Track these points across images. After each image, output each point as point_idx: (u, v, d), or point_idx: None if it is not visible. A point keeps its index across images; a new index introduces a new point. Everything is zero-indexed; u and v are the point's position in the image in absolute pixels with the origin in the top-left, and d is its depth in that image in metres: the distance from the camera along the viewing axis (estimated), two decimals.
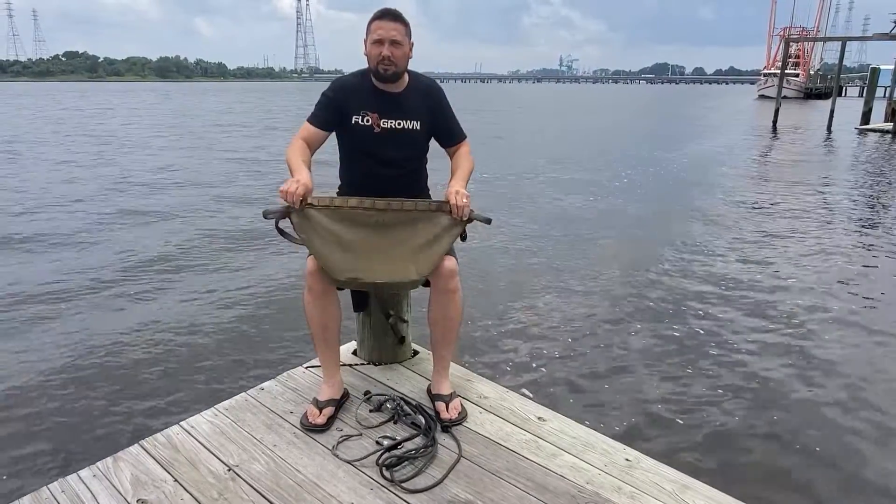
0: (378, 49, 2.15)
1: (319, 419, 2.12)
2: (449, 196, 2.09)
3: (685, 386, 3.86)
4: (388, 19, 2.16)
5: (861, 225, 8.33)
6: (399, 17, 2.17)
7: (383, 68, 2.16)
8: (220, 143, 18.24)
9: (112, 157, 14.72)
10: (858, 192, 11.04)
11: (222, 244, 7.15)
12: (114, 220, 8.31)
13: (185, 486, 1.83)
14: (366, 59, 2.21)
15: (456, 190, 2.10)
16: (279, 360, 4.07)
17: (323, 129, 2.25)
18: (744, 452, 3.20)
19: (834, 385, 3.89)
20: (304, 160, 2.13)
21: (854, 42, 56.02)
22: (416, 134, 2.28)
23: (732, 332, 4.66)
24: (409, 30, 2.21)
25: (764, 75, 65.31)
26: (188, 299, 5.31)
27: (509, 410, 2.24)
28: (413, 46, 2.24)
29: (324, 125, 2.24)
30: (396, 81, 2.23)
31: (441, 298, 2.18)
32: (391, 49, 2.14)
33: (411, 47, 2.23)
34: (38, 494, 1.80)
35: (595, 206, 9.61)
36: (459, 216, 2.08)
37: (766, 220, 8.56)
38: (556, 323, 4.85)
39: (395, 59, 2.15)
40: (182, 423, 2.15)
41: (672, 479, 1.86)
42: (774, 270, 6.23)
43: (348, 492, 1.80)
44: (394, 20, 2.16)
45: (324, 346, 2.23)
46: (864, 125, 23.89)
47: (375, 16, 2.18)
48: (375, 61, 2.17)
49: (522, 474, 1.88)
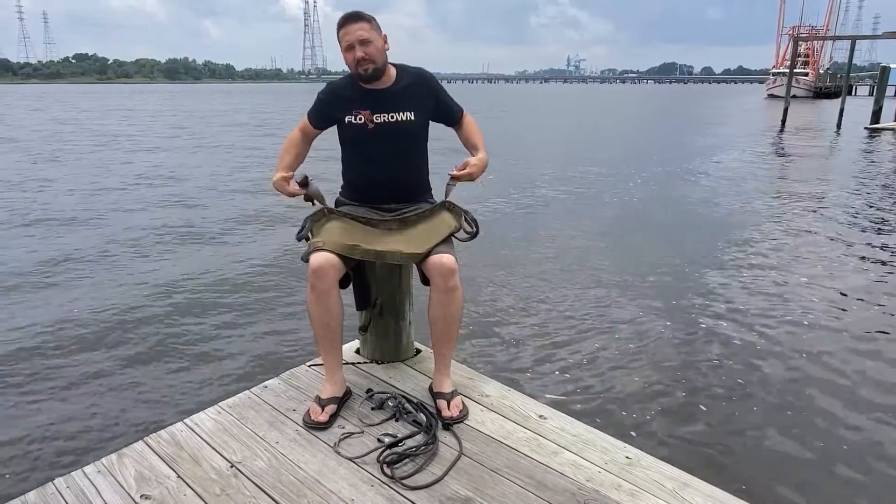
0: (351, 54, 2.19)
1: (321, 417, 2.13)
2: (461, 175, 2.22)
3: (686, 384, 3.85)
4: (350, 22, 2.19)
5: (877, 230, 8.21)
6: (361, 16, 2.20)
7: (363, 69, 2.20)
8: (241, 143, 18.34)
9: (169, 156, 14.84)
10: (870, 191, 10.95)
11: (227, 244, 7.20)
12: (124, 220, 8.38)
13: (188, 482, 1.85)
14: (348, 68, 2.26)
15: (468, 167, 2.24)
16: (282, 358, 4.10)
17: (315, 126, 2.40)
18: (744, 450, 3.20)
19: (838, 386, 3.87)
20: (294, 153, 2.37)
21: (864, 41, 55.59)
22: (412, 125, 2.30)
23: (735, 332, 4.65)
24: (375, 24, 2.22)
25: (773, 74, 64.89)
26: (192, 299, 5.35)
27: (510, 408, 2.25)
28: (387, 38, 2.27)
29: (316, 123, 2.39)
30: (381, 78, 2.26)
31: (441, 297, 2.19)
32: (363, 49, 2.17)
33: (385, 39, 2.26)
34: (44, 490, 1.83)
35: (602, 207, 9.59)
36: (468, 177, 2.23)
37: (772, 221, 8.52)
38: (558, 322, 4.85)
39: (370, 57, 2.19)
40: (186, 421, 2.17)
41: (672, 477, 1.86)
42: (782, 271, 6.20)
43: (349, 488, 1.81)
44: (357, 21, 2.19)
45: (326, 345, 2.24)
46: (875, 124, 23.72)
47: (339, 24, 2.21)
48: (354, 66, 2.21)
49: (523, 472, 1.89)
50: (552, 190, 10.90)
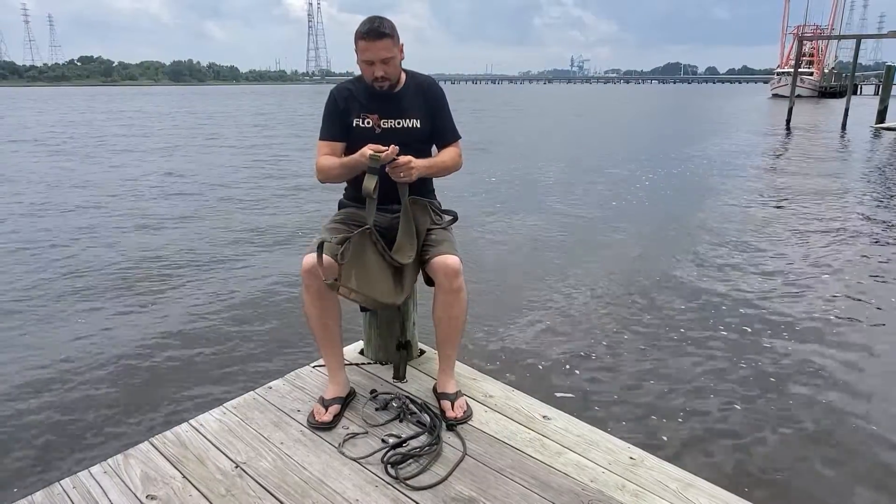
0: (370, 69, 2.17)
1: (325, 417, 2.14)
2: (400, 159, 2.09)
3: (690, 385, 3.84)
4: (373, 38, 2.11)
5: (884, 228, 8.18)
6: (384, 32, 2.12)
7: (379, 86, 2.20)
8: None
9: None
10: (874, 190, 10.90)
11: (232, 244, 7.22)
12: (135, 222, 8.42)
13: (193, 482, 1.86)
14: (359, 67, 2.23)
15: (410, 158, 2.11)
16: (287, 359, 4.11)
17: (339, 140, 2.28)
18: (749, 451, 3.18)
19: (845, 387, 3.85)
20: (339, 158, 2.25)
21: (869, 40, 55.38)
22: (418, 132, 2.30)
23: (741, 332, 4.63)
24: (396, 38, 2.16)
25: (777, 74, 64.66)
26: (196, 298, 5.36)
27: (514, 409, 2.25)
28: (403, 47, 2.23)
29: (338, 136, 2.28)
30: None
31: (446, 297, 2.19)
32: (383, 68, 2.15)
33: (401, 49, 2.22)
34: (51, 490, 1.84)
35: (608, 208, 9.56)
36: (397, 174, 2.11)
37: (779, 222, 8.49)
38: (562, 322, 4.85)
39: (388, 76, 2.18)
40: (191, 421, 2.19)
41: (676, 478, 1.86)
42: (791, 273, 6.17)
43: (353, 489, 1.82)
44: (379, 38, 2.11)
45: (326, 345, 2.25)
46: (880, 124, 23.62)
47: (360, 33, 2.13)
48: (370, 80, 2.20)
49: (527, 472, 1.89)
50: (565, 190, 10.89)
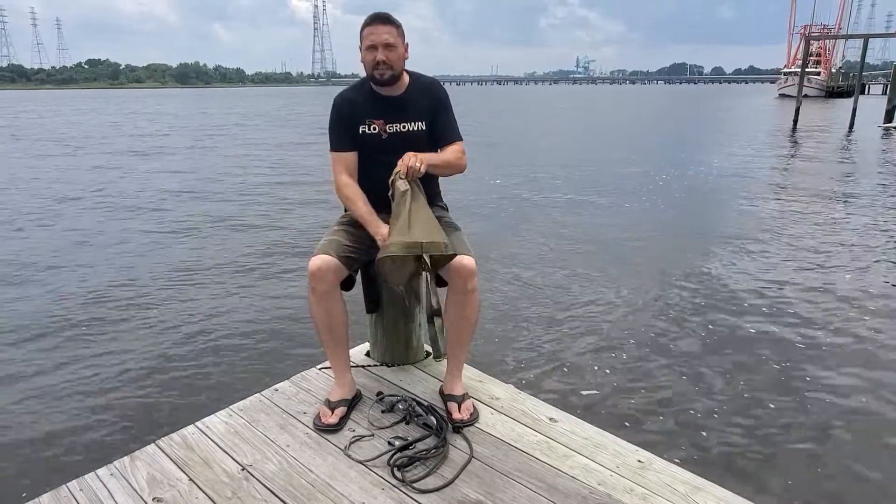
0: (372, 54, 2.16)
1: (331, 419, 2.14)
2: (405, 157, 2.07)
3: (698, 387, 3.82)
4: (379, 23, 2.16)
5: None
6: (390, 19, 2.17)
7: (379, 73, 2.18)
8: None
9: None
10: (885, 192, 10.82)
11: (241, 248, 7.23)
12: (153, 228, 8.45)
13: (199, 485, 1.86)
14: (363, 66, 2.23)
15: (414, 153, 2.09)
16: (293, 361, 4.11)
17: (350, 149, 2.27)
18: (757, 454, 3.16)
19: (853, 391, 3.82)
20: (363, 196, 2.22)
21: (877, 39, 54.92)
22: (423, 134, 2.29)
23: (749, 335, 4.61)
24: (401, 31, 2.21)
25: (784, 74, 64.31)
26: (201, 301, 5.37)
27: (521, 411, 2.24)
28: (408, 47, 2.25)
29: (348, 146, 2.27)
30: (395, 84, 2.24)
31: (460, 298, 2.17)
32: (385, 53, 2.15)
33: (406, 48, 2.23)
34: (58, 492, 1.84)
35: (617, 212, 9.50)
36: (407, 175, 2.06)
37: (788, 223, 8.44)
38: (569, 324, 4.83)
39: (390, 62, 2.17)
40: (197, 424, 2.18)
41: (684, 481, 1.84)
42: (803, 277, 6.10)
43: (360, 492, 1.81)
44: (385, 23, 2.16)
45: (332, 347, 2.24)
46: (888, 123, 23.47)
47: (366, 21, 2.18)
48: (371, 67, 2.18)
49: (534, 475, 1.88)
50: (574, 192, 10.86)
